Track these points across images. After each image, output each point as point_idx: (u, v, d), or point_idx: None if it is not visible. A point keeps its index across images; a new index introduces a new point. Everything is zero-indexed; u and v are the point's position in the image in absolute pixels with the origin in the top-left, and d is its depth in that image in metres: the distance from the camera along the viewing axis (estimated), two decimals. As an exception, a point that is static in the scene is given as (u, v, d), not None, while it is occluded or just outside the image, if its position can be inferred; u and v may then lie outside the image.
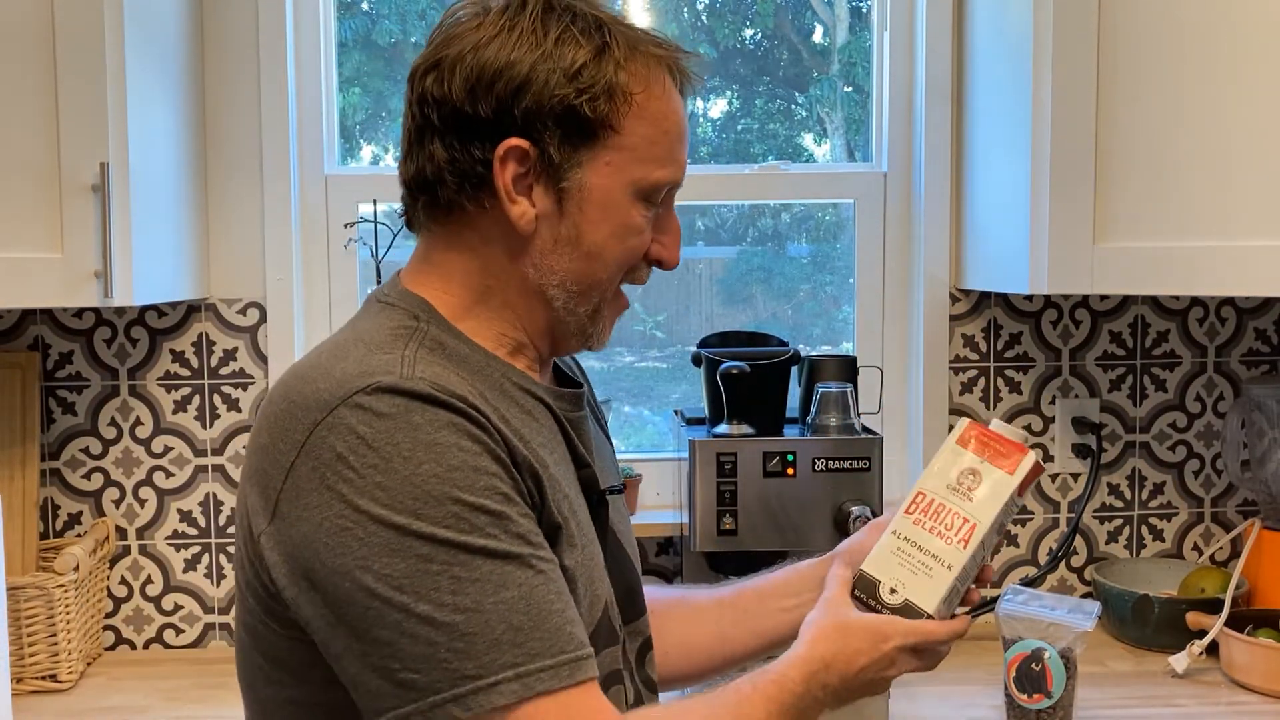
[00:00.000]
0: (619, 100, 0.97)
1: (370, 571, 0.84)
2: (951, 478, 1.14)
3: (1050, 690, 1.59)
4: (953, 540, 1.11)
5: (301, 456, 0.87)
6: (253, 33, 1.98)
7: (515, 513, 0.89)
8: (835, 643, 1.04)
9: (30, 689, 1.79)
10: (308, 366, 0.94)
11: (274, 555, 0.89)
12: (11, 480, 1.86)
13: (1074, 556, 2.14)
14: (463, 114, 0.96)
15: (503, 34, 0.96)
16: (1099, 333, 2.11)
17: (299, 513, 0.87)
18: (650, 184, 1.00)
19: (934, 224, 2.08)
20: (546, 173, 0.97)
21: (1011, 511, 1.14)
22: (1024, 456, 1.12)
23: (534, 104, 0.95)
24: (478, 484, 0.87)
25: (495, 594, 0.86)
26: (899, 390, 2.16)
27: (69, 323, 1.98)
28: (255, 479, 0.91)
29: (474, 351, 0.99)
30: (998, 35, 1.90)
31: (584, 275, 1.01)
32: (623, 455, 2.20)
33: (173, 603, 2.02)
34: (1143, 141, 1.67)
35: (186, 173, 1.91)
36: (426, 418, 0.87)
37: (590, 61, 0.96)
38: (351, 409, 0.87)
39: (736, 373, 1.77)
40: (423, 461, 0.86)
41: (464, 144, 0.96)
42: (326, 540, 0.85)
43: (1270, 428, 1.98)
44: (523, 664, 0.85)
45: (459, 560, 0.85)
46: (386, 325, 0.97)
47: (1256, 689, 1.73)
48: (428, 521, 0.85)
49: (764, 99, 2.30)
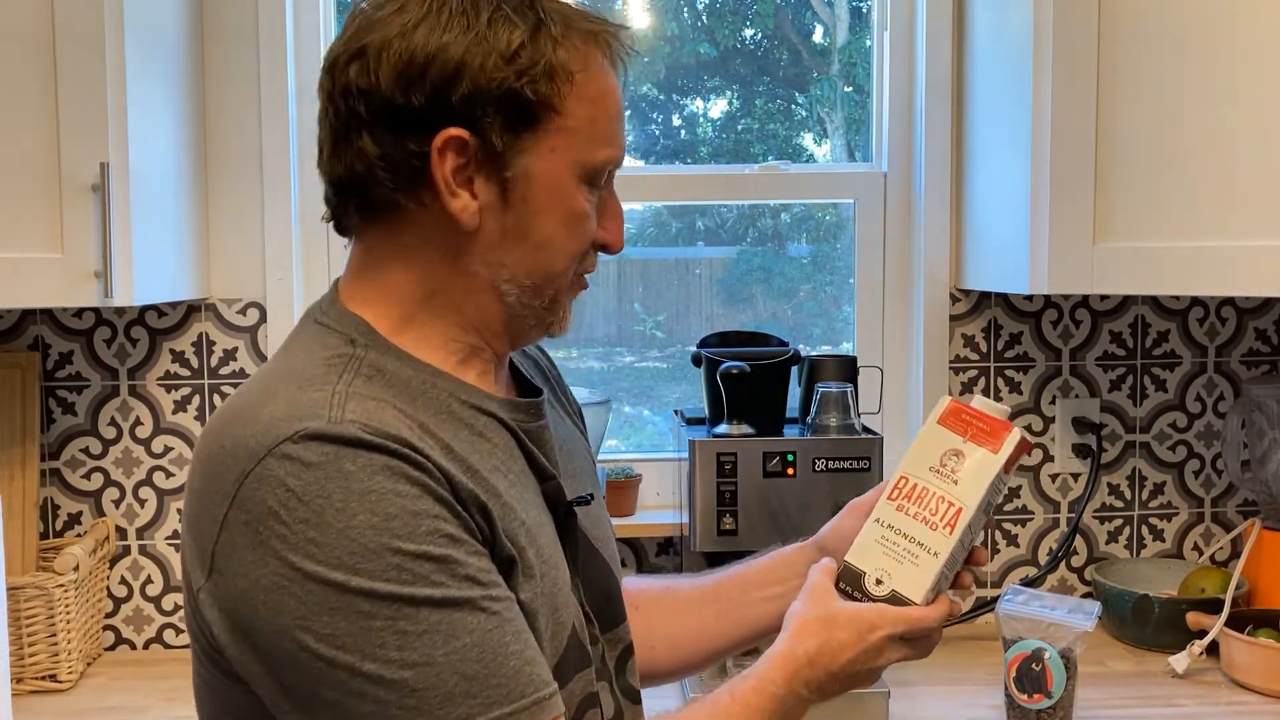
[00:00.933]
0: (560, 80, 0.91)
1: (310, 632, 0.80)
2: (934, 459, 1.09)
3: (1050, 690, 1.59)
4: (938, 526, 1.07)
5: (233, 509, 0.82)
6: (253, 33, 1.98)
7: (462, 553, 0.84)
8: (819, 637, 1.01)
9: (30, 689, 1.79)
10: (238, 406, 0.88)
11: (213, 612, 0.84)
12: (11, 480, 1.86)
13: (1074, 556, 2.14)
14: (393, 105, 0.89)
15: (430, 16, 0.89)
16: (1099, 333, 2.11)
17: (235, 568, 0.82)
18: (594, 166, 0.95)
19: (934, 224, 2.08)
20: (488, 162, 0.91)
21: (1000, 491, 1.10)
22: (1009, 434, 1.08)
23: (471, 90, 0.88)
24: (419, 530, 0.82)
25: (445, 645, 0.81)
26: (899, 390, 2.16)
27: (69, 323, 1.98)
28: (191, 528, 0.87)
29: (418, 372, 0.92)
30: (998, 35, 1.90)
31: (536, 267, 0.95)
32: (623, 455, 2.20)
33: (173, 603, 2.02)
34: (1143, 141, 1.67)
35: (186, 173, 1.91)
36: (359, 464, 0.82)
37: (527, 41, 0.89)
38: (279, 460, 0.81)
39: (736, 373, 1.77)
40: (356, 513, 0.80)
41: (396, 137, 0.89)
42: (264, 599, 0.81)
43: (1270, 428, 1.98)
44: (479, 714, 0.81)
45: (403, 614, 0.80)
46: (319, 355, 0.91)
47: (1256, 689, 1.73)
48: (366, 576, 0.80)
49: (764, 99, 2.30)
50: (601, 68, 0.94)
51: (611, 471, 2.06)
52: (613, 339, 2.31)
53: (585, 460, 1.15)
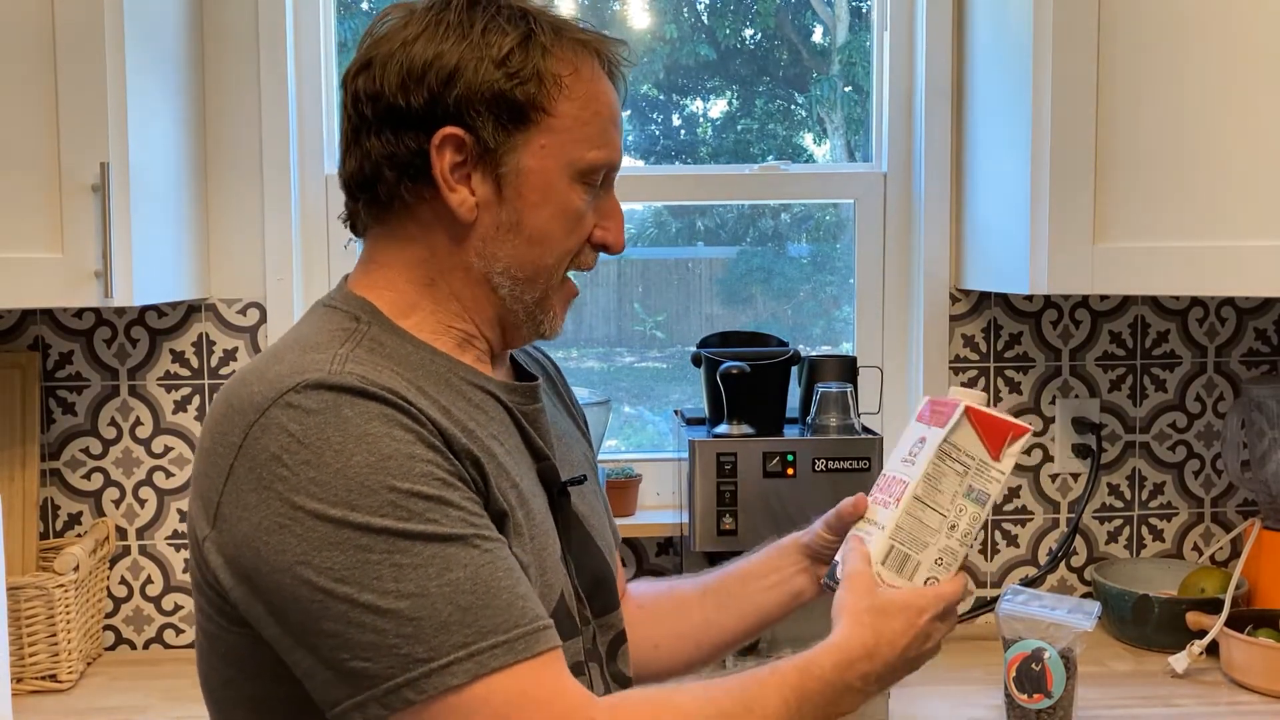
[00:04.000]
0: (548, 83, 0.99)
1: (311, 566, 0.85)
2: (906, 450, 1.13)
3: (1050, 690, 1.59)
4: (889, 504, 1.10)
5: (239, 459, 0.88)
6: (253, 33, 1.98)
7: (456, 496, 0.89)
8: (874, 629, 1.03)
9: (30, 689, 1.79)
10: (248, 370, 0.94)
11: (217, 559, 0.89)
12: (11, 480, 1.86)
13: (1074, 556, 2.14)
14: (396, 107, 0.98)
15: (429, 29, 0.98)
16: (1099, 333, 2.11)
17: (239, 514, 0.88)
18: (586, 165, 1.02)
19: (934, 224, 2.08)
20: (483, 159, 0.99)
21: (960, 466, 1.08)
22: (955, 409, 1.08)
23: (465, 91, 0.97)
24: (413, 470, 0.87)
25: (439, 576, 0.86)
26: (899, 390, 2.16)
27: (69, 323, 1.98)
28: (198, 484, 0.93)
29: (417, 349, 0.99)
30: (998, 35, 1.90)
31: (528, 261, 1.02)
32: (623, 455, 2.20)
33: (173, 603, 2.02)
34: (1143, 141, 1.67)
35: (186, 173, 1.91)
36: (356, 410, 0.88)
37: (517, 48, 0.98)
38: (282, 408, 0.88)
39: (736, 373, 1.77)
40: (354, 453, 0.86)
41: (399, 136, 0.98)
42: (266, 539, 0.86)
43: (1270, 428, 1.98)
44: (473, 643, 0.86)
45: (399, 547, 0.85)
46: (326, 327, 0.98)
47: (1256, 689, 1.73)
48: (363, 511, 0.85)
49: (764, 99, 2.30)
50: (593, 74, 1.02)
51: (611, 471, 2.06)
52: (613, 339, 2.31)
53: (582, 458, 1.19)
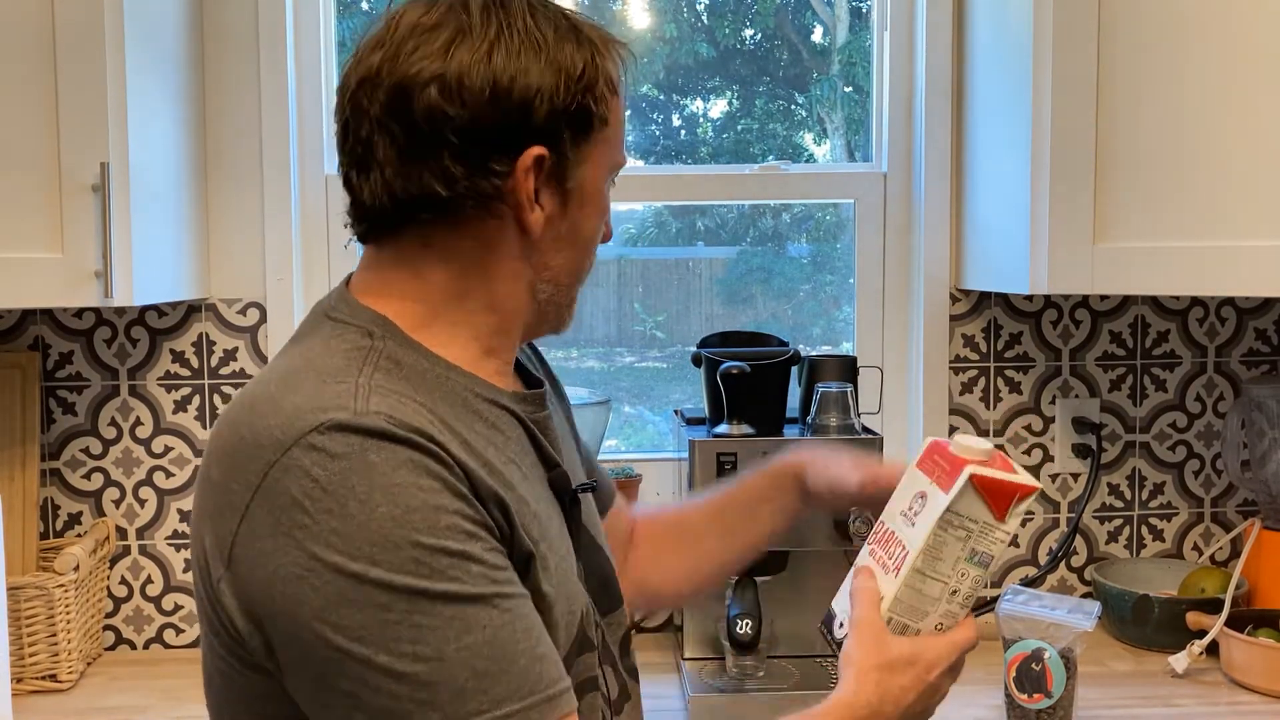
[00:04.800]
0: (609, 92, 0.98)
1: (328, 623, 0.81)
2: (906, 503, 1.06)
3: (1050, 690, 1.59)
4: (890, 569, 1.04)
5: (256, 499, 0.84)
6: (253, 33, 1.98)
7: (479, 549, 0.86)
8: (880, 685, 1.00)
9: (30, 689, 1.79)
10: (257, 396, 0.89)
11: (233, 602, 0.86)
12: (11, 480, 1.86)
13: (1074, 556, 2.14)
14: (483, 125, 0.92)
15: (502, 37, 0.93)
16: (1099, 333, 2.11)
17: (255, 559, 0.84)
18: (618, 166, 1.03)
19: (934, 224, 2.08)
20: (556, 174, 0.96)
21: (963, 532, 1.01)
22: (960, 472, 1.00)
23: (550, 108, 0.93)
24: (438, 524, 0.83)
25: (458, 640, 0.83)
26: (899, 390, 2.16)
27: (69, 323, 1.98)
28: (210, 520, 0.88)
29: (434, 365, 0.95)
30: (998, 35, 1.90)
31: (575, 266, 1.02)
32: (623, 455, 2.20)
33: (173, 603, 2.02)
34: (1143, 141, 1.67)
35: (186, 173, 1.91)
36: (383, 456, 0.83)
37: (590, 59, 0.96)
38: (305, 450, 0.83)
39: (736, 373, 1.77)
40: (379, 504, 0.82)
41: (482, 158, 0.93)
42: (283, 589, 0.82)
43: (1270, 428, 1.98)
44: (489, 710, 0.83)
45: (419, 607, 0.82)
46: (339, 347, 0.93)
47: (1256, 689, 1.73)
48: (385, 568, 0.81)
49: (764, 99, 2.30)
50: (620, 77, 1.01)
51: (611, 471, 2.06)
52: (613, 339, 2.31)
53: (577, 454, 1.19)
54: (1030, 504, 1.03)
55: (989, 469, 1.01)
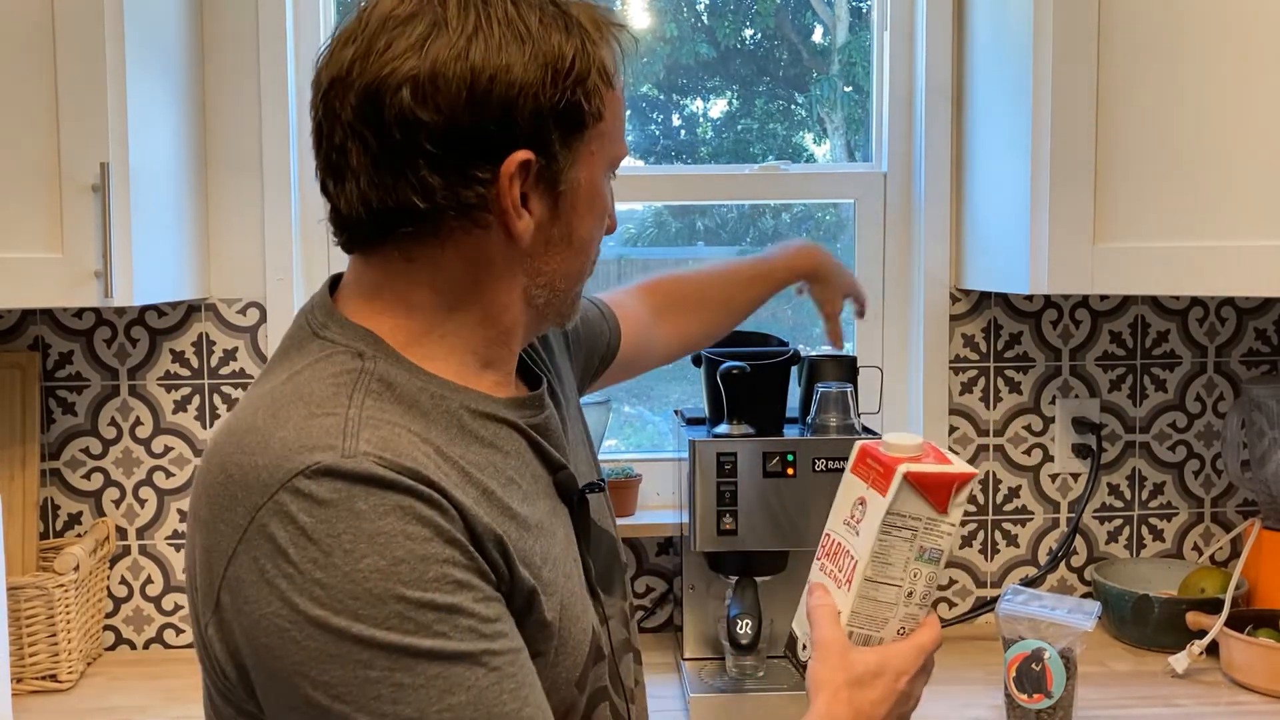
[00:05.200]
0: (602, 84, 0.89)
1: (308, 679, 0.78)
2: (847, 511, 1.03)
3: (1050, 690, 1.59)
4: (842, 583, 1.01)
5: (242, 545, 0.80)
6: (253, 33, 1.98)
7: (469, 600, 0.81)
8: (851, 703, 0.97)
9: (30, 689, 1.79)
10: (244, 431, 0.84)
11: (219, 647, 0.83)
12: (11, 480, 1.86)
13: (1074, 556, 2.14)
14: (459, 132, 0.84)
15: (480, 32, 0.85)
16: (1099, 333, 2.11)
17: (239, 605, 0.80)
18: (618, 159, 0.96)
19: (934, 224, 2.08)
20: (544, 179, 0.89)
21: (908, 532, 0.99)
22: (894, 473, 0.97)
23: (534, 107, 0.85)
24: (425, 575, 0.79)
25: (440, 700, 0.79)
26: (899, 390, 2.16)
27: (69, 323, 1.98)
28: (200, 556, 0.84)
29: (427, 384, 0.89)
30: (998, 35, 1.90)
31: (573, 270, 0.96)
32: (623, 455, 2.20)
33: (173, 603, 2.02)
34: (1143, 141, 1.67)
35: (186, 173, 1.91)
36: (370, 504, 0.79)
37: (579, 48, 0.87)
38: (292, 495, 0.79)
39: (736, 373, 1.77)
40: (364, 555, 0.78)
41: (463, 166, 0.86)
42: (266, 641, 0.79)
43: (1270, 428, 1.98)
44: None
45: (401, 665, 0.78)
46: (327, 371, 0.87)
47: (1256, 689, 1.73)
48: (368, 623, 0.78)
49: (764, 99, 2.30)
50: (618, 63, 0.93)
51: (611, 471, 2.06)
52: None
53: (587, 447, 1.14)
54: (971, 490, 0.99)
55: (922, 464, 0.98)
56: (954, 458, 1.01)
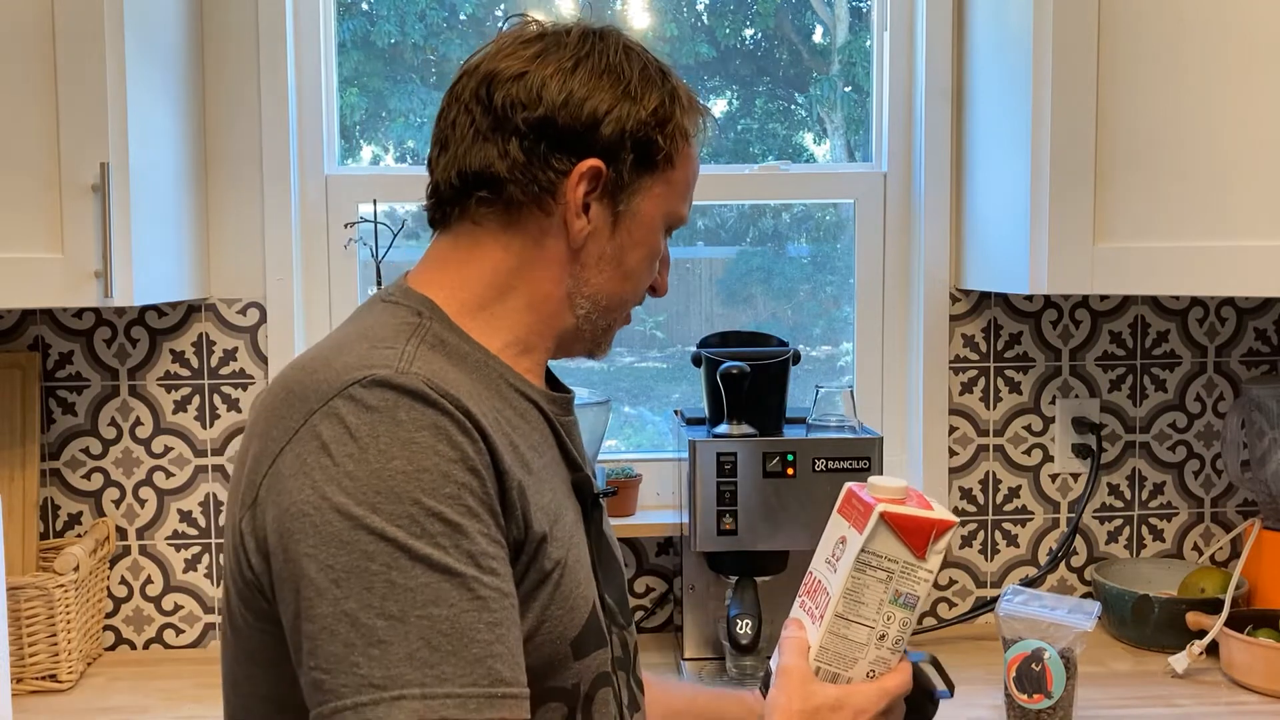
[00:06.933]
0: (679, 139, 1.05)
1: (315, 560, 0.85)
2: (829, 550, 1.05)
3: (1050, 690, 1.59)
4: (817, 619, 1.03)
5: (291, 442, 0.88)
6: (253, 33, 1.98)
7: (475, 528, 0.88)
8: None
9: (30, 689, 1.79)
10: (309, 358, 0.95)
11: (250, 541, 0.90)
12: (11, 480, 1.86)
13: (1074, 556, 2.14)
14: (552, 123, 1.00)
15: (586, 66, 1.02)
16: (1099, 333, 2.11)
17: (274, 496, 0.88)
18: (677, 218, 1.10)
19: (934, 224, 2.08)
20: (610, 193, 1.03)
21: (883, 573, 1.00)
22: (870, 514, 0.99)
23: (618, 129, 1.01)
24: (442, 490, 0.86)
25: (423, 608, 0.84)
26: (899, 390, 2.16)
27: (69, 323, 1.98)
28: (250, 463, 0.92)
29: (474, 350, 1.00)
30: (998, 35, 1.90)
31: (615, 292, 1.07)
32: (623, 455, 2.20)
33: (173, 603, 2.02)
34: (1143, 141, 1.67)
35: (186, 173, 1.91)
36: (412, 415, 0.88)
37: (666, 101, 1.04)
38: (345, 400, 0.88)
39: (736, 373, 1.77)
40: (395, 457, 0.86)
41: (547, 151, 1.00)
42: (288, 525, 0.86)
43: (1270, 428, 1.98)
44: (430, 685, 0.83)
45: (398, 565, 0.84)
46: (390, 321, 0.99)
47: (1256, 689, 1.73)
48: (382, 517, 0.85)
49: (764, 99, 2.30)
50: (696, 141, 1.11)
51: (611, 471, 2.06)
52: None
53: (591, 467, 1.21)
54: (950, 538, 1.00)
55: (902, 506, 1.00)
56: (937, 505, 1.03)
